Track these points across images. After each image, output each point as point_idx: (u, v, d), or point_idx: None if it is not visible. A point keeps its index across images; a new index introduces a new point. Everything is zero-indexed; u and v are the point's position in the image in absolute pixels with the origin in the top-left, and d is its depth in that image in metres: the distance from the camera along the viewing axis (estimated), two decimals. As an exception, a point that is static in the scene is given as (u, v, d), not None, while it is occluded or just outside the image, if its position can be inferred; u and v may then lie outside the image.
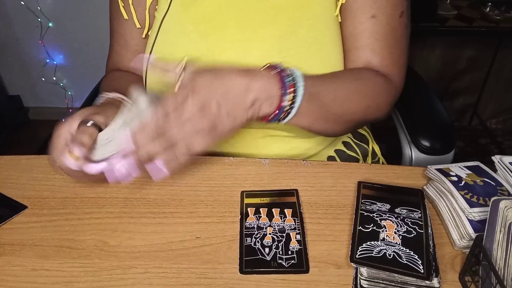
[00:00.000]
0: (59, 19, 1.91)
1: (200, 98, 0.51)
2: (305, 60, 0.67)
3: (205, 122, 0.51)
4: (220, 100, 0.52)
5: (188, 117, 0.51)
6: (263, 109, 0.55)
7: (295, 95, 0.56)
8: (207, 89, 0.52)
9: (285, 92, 0.55)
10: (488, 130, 2.09)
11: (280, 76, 0.55)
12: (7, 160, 0.67)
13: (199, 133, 0.52)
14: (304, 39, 0.67)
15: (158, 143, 0.51)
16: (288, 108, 0.56)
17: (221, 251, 0.52)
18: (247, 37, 0.67)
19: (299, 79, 0.56)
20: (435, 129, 0.82)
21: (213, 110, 0.52)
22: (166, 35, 0.70)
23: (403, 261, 0.47)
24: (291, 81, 0.56)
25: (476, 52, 1.89)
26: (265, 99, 0.54)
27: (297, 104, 0.56)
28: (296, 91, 0.56)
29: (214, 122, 0.52)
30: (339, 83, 0.65)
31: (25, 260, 0.51)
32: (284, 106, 0.56)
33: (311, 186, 0.61)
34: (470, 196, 0.53)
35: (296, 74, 0.57)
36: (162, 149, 0.51)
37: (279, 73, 0.56)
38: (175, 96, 0.52)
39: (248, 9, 0.67)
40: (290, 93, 0.55)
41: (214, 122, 0.52)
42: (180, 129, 0.51)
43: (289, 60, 0.67)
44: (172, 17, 0.69)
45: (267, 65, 0.58)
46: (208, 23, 0.68)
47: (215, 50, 0.67)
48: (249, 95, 0.54)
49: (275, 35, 0.67)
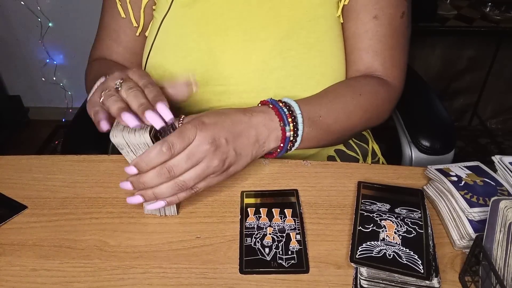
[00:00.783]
0: (59, 19, 1.91)
1: (209, 135, 0.51)
2: (306, 61, 0.67)
3: (216, 162, 0.52)
4: (228, 137, 0.53)
5: (200, 155, 0.51)
6: (269, 144, 0.58)
7: (295, 124, 0.59)
8: (214, 126, 0.53)
9: (286, 122, 0.58)
10: (488, 130, 2.09)
11: (276, 109, 0.58)
12: (7, 160, 0.67)
13: (212, 174, 0.53)
14: (305, 40, 0.67)
15: (159, 175, 0.50)
16: (292, 138, 0.59)
17: (221, 251, 0.52)
18: (249, 38, 0.67)
19: (295, 108, 0.59)
20: (435, 129, 0.82)
21: (223, 148, 0.52)
22: (166, 36, 0.69)
23: (403, 261, 0.47)
24: (287, 111, 0.58)
25: (476, 52, 1.89)
26: (268, 134, 0.57)
27: (300, 132, 0.59)
28: (296, 119, 0.59)
29: (225, 161, 0.53)
30: (339, 103, 0.65)
31: (25, 260, 0.51)
32: (288, 137, 0.58)
33: (311, 186, 0.61)
34: (470, 196, 0.53)
35: (291, 104, 0.60)
36: (162, 181, 0.51)
37: (274, 106, 0.59)
38: (182, 133, 0.50)
39: (249, 10, 0.67)
40: (291, 123, 0.58)
41: (225, 161, 0.53)
42: (192, 169, 0.51)
43: (290, 61, 0.67)
44: (172, 18, 0.69)
45: (260, 102, 0.61)
46: (210, 24, 0.68)
47: (216, 51, 0.67)
48: (251, 130, 0.56)
49: (276, 36, 0.67)
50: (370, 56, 0.69)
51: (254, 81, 0.68)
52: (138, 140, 0.49)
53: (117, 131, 0.50)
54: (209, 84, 0.69)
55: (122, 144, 0.50)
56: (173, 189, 0.51)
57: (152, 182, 0.50)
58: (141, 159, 0.49)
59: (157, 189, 0.51)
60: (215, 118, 0.53)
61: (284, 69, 0.67)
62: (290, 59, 0.67)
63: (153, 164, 0.49)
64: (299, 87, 0.67)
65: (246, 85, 0.68)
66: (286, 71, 0.67)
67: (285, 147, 0.59)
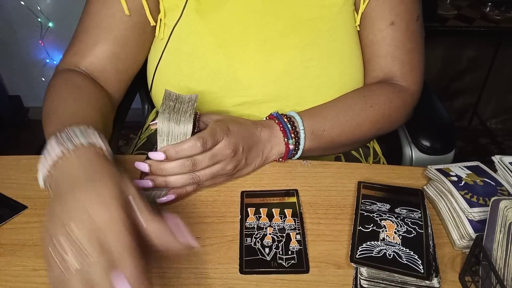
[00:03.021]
0: (59, 19, 1.91)
1: (233, 142, 0.56)
2: (327, 70, 0.67)
3: (231, 166, 0.57)
4: (245, 146, 0.58)
5: (221, 158, 0.55)
6: (270, 157, 0.63)
7: (298, 139, 0.63)
8: (237, 134, 0.57)
9: (289, 137, 0.62)
10: (488, 130, 2.09)
11: (281, 124, 0.63)
12: (7, 160, 0.67)
13: (222, 175, 0.58)
14: (326, 49, 0.67)
15: (183, 167, 0.54)
16: (294, 152, 0.63)
17: (221, 251, 0.52)
18: (269, 47, 0.66)
19: (299, 123, 0.63)
20: (435, 129, 0.82)
21: (239, 156, 0.58)
22: (180, 44, 0.67)
23: (403, 261, 0.47)
24: (291, 126, 0.62)
25: (476, 52, 1.89)
26: (271, 148, 0.62)
27: (301, 146, 0.63)
28: (299, 134, 0.63)
29: (237, 167, 0.58)
30: (346, 115, 0.66)
31: (25, 260, 0.51)
32: (291, 150, 0.63)
33: (311, 186, 0.61)
34: (470, 196, 0.53)
35: (296, 118, 0.63)
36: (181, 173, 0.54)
37: (279, 122, 0.63)
38: (214, 134, 0.54)
39: (268, 19, 0.66)
40: (293, 137, 0.62)
41: (236, 167, 0.58)
42: (210, 168, 0.56)
43: (311, 70, 0.66)
44: (186, 26, 0.66)
45: (267, 117, 0.65)
46: (228, 33, 0.66)
47: (235, 61, 0.66)
48: (260, 145, 0.61)
49: (297, 45, 0.66)
50: (389, 62, 0.69)
51: (274, 91, 0.67)
52: (181, 131, 0.54)
53: (164, 119, 0.54)
54: (228, 95, 0.68)
55: (164, 132, 0.54)
56: (186, 181, 0.55)
57: (172, 171, 0.54)
58: (173, 148, 0.53)
59: (171, 178, 0.54)
60: (237, 127, 0.58)
61: (306, 79, 0.66)
62: (312, 69, 0.66)
63: (184, 155, 0.53)
64: (319, 96, 0.67)
65: (266, 95, 0.67)
66: (307, 81, 0.67)
67: (288, 157, 0.64)
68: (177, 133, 0.54)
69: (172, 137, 0.54)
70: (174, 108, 0.55)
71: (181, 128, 0.54)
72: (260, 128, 0.61)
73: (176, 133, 0.54)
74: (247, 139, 0.59)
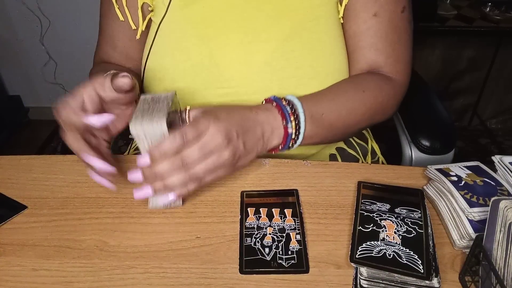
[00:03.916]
0: (59, 19, 1.91)
1: (222, 128, 0.53)
2: (309, 61, 0.67)
3: (227, 155, 0.53)
4: (238, 131, 0.55)
5: (213, 148, 0.52)
6: (272, 141, 0.60)
7: (298, 121, 0.60)
8: (227, 120, 0.54)
9: (288, 120, 0.59)
10: (488, 130, 2.09)
11: (279, 107, 0.60)
12: (7, 160, 0.67)
13: (222, 167, 0.54)
14: (307, 40, 0.67)
15: (173, 165, 0.51)
16: (295, 136, 0.60)
17: (221, 251, 0.52)
18: (250, 40, 0.67)
19: (298, 106, 0.61)
20: (435, 129, 0.82)
21: (234, 142, 0.54)
22: (164, 39, 0.69)
23: (403, 261, 0.47)
24: (290, 109, 0.60)
25: (476, 52, 1.89)
26: (271, 132, 0.59)
27: (302, 129, 0.60)
28: (298, 117, 0.60)
29: (235, 154, 0.55)
30: (341, 100, 0.65)
31: (25, 260, 0.51)
32: (290, 134, 0.60)
33: (311, 186, 0.61)
34: (470, 196, 0.53)
35: (294, 101, 0.61)
36: (175, 172, 0.52)
37: (278, 104, 0.60)
38: (195, 124, 0.52)
39: (249, 12, 0.67)
40: (293, 121, 0.60)
41: (235, 155, 0.55)
42: (203, 161, 0.52)
43: (293, 61, 0.67)
44: (170, 22, 0.68)
45: (264, 100, 0.63)
46: (209, 27, 0.67)
47: (217, 54, 0.67)
48: (257, 127, 0.58)
49: (278, 37, 0.66)
50: (373, 53, 0.69)
51: (257, 83, 0.68)
52: (155, 129, 0.51)
53: (136, 123, 0.51)
54: (211, 87, 0.68)
55: (140, 136, 0.52)
56: (184, 180, 0.52)
57: (165, 172, 0.51)
58: (154, 147, 0.51)
59: (168, 180, 0.52)
60: (226, 113, 0.55)
61: (287, 70, 0.67)
62: (293, 60, 0.67)
63: (166, 151, 0.51)
64: (302, 87, 0.67)
65: (248, 87, 0.68)
66: (289, 72, 0.67)
67: (287, 144, 0.61)
68: (153, 133, 0.51)
69: (150, 138, 0.52)
70: (149, 109, 0.53)
71: (155, 127, 0.51)
72: (256, 111, 0.58)
73: (152, 133, 0.51)
74: (241, 122, 0.56)
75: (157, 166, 0.51)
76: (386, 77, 0.69)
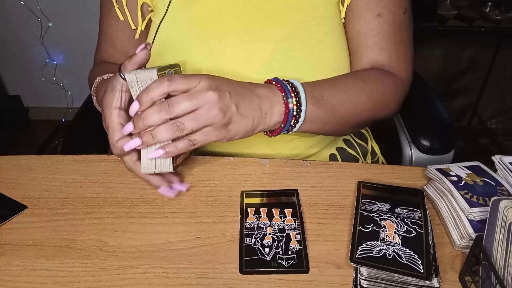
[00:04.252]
0: (59, 19, 1.91)
1: (214, 83, 0.52)
2: (308, 61, 0.67)
3: (216, 110, 0.52)
4: (231, 92, 0.54)
5: (202, 99, 0.51)
6: (272, 117, 0.57)
7: (298, 99, 0.58)
8: (221, 79, 0.54)
9: (288, 95, 0.58)
10: (488, 130, 2.09)
11: (279, 84, 0.59)
12: (7, 160, 0.67)
13: (211, 124, 0.52)
14: (307, 40, 0.67)
15: (160, 109, 0.51)
16: (296, 113, 0.58)
17: (221, 251, 0.52)
18: (250, 39, 0.67)
19: (298, 84, 0.59)
20: (435, 129, 0.82)
21: (226, 100, 0.53)
22: (165, 39, 0.69)
23: (403, 261, 0.47)
24: (291, 86, 0.59)
25: (476, 52, 1.89)
26: (271, 106, 0.57)
27: (303, 107, 0.59)
28: (299, 95, 0.58)
29: (226, 113, 0.53)
30: (342, 85, 0.65)
31: (25, 260, 0.51)
32: (291, 109, 0.58)
33: (311, 186, 0.61)
34: (470, 196, 0.53)
35: (294, 81, 0.60)
36: (161, 118, 0.51)
37: (277, 82, 0.59)
38: (186, 76, 0.52)
39: (249, 12, 0.67)
40: (293, 97, 0.58)
41: (225, 114, 0.53)
42: (191, 113, 0.51)
43: (292, 61, 0.67)
44: (170, 21, 0.68)
45: (265, 81, 0.61)
46: (209, 26, 0.67)
47: (217, 53, 0.67)
48: (254, 97, 0.56)
49: (278, 37, 0.66)
50: (377, 53, 0.69)
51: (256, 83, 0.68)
52: (146, 75, 0.53)
53: (131, 72, 0.54)
54: None
55: (133, 81, 0.53)
56: (171, 130, 0.51)
57: (152, 117, 0.51)
58: (143, 92, 0.52)
59: (156, 129, 0.51)
60: (222, 77, 0.55)
61: (287, 70, 0.67)
62: (293, 60, 0.67)
63: (153, 94, 0.51)
64: None
65: None
66: (289, 72, 0.67)
67: (289, 122, 0.59)
68: (144, 78, 0.53)
69: (142, 83, 0.53)
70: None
71: (146, 73, 0.53)
72: (255, 85, 0.58)
73: (143, 78, 0.53)
74: (235, 85, 0.55)
75: (146, 111, 0.51)
76: (387, 72, 0.70)
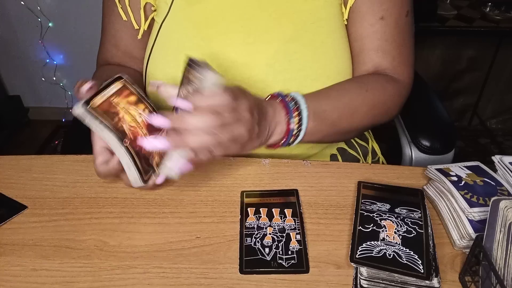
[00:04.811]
0: (59, 19, 1.91)
1: (251, 105, 0.53)
2: (311, 63, 0.67)
3: (244, 131, 0.52)
4: (258, 113, 0.55)
5: (241, 119, 0.51)
6: (273, 137, 0.59)
7: (300, 118, 0.60)
8: (253, 99, 0.54)
9: (291, 115, 0.59)
10: (488, 130, 2.09)
11: (284, 102, 0.60)
12: (7, 160, 0.67)
13: (236, 142, 0.52)
14: (310, 42, 0.67)
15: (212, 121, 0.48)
16: (296, 131, 0.60)
17: (221, 251, 0.52)
18: (252, 41, 0.66)
19: (302, 102, 0.60)
20: (435, 129, 0.82)
21: (254, 123, 0.53)
22: (166, 39, 0.69)
23: (403, 261, 0.47)
24: (294, 105, 0.60)
25: (476, 52, 1.89)
26: (274, 127, 0.59)
27: (304, 126, 0.60)
28: (301, 113, 0.60)
29: (251, 136, 0.54)
30: (344, 98, 0.66)
31: (25, 260, 0.51)
32: (292, 129, 0.60)
33: (311, 186, 0.61)
34: (470, 196, 0.53)
35: (298, 98, 0.61)
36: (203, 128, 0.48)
37: (282, 100, 0.60)
38: (230, 92, 0.51)
39: (252, 13, 0.66)
40: (296, 116, 0.59)
41: (250, 136, 0.54)
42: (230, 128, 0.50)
43: (295, 63, 0.67)
44: (173, 21, 0.68)
45: (269, 95, 0.63)
46: (211, 27, 0.67)
47: (219, 54, 0.67)
48: (267, 117, 0.58)
49: (281, 38, 0.66)
50: (380, 56, 0.69)
51: (259, 84, 0.67)
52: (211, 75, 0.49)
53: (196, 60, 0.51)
54: None
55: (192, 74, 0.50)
56: (207, 143, 0.49)
57: (196, 126, 0.48)
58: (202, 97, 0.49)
59: (191, 137, 0.48)
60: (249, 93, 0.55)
61: (290, 72, 0.67)
62: (295, 61, 0.67)
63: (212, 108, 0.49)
64: (304, 89, 0.67)
65: (250, 88, 0.67)
66: (291, 74, 0.67)
67: (288, 139, 0.60)
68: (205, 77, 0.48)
69: (199, 82, 0.48)
70: None
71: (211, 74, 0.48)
72: (264, 103, 0.58)
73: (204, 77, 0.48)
74: (259, 106, 0.55)
75: (193, 117, 0.48)
76: (390, 78, 0.70)
